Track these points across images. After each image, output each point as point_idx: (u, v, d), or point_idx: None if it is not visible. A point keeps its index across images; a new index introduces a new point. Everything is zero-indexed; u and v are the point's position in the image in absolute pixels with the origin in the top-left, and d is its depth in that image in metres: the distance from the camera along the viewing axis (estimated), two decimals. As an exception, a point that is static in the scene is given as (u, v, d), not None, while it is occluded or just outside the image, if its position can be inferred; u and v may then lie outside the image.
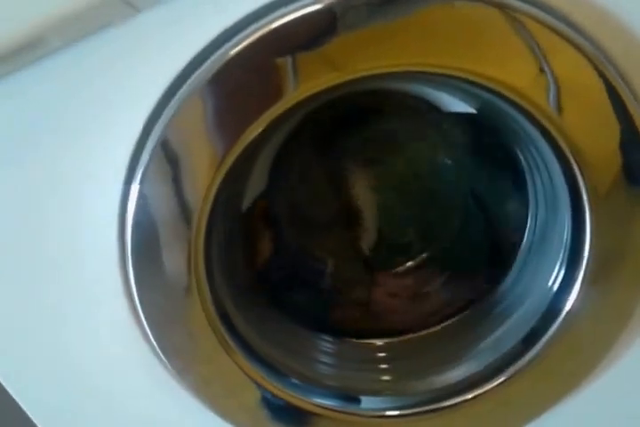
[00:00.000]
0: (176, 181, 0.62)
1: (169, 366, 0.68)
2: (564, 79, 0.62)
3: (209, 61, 0.61)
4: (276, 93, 0.61)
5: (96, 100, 0.62)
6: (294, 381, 0.73)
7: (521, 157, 0.77)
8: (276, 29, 0.59)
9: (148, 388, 0.71)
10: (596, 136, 0.65)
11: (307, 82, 0.61)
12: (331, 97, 0.68)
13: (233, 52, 0.60)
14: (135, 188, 0.63)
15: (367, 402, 0.74)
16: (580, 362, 0.72)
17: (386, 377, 0.78)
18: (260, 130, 0.62)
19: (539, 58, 0.61)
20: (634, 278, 0.69)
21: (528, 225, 0.80)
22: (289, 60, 0.60)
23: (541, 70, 0.62)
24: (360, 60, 0.61)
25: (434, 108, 0.79)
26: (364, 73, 0.61)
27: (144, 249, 0.64)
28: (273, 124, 0.62)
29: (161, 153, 0.62)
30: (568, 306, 0.70)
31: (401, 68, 0.61)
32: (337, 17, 0.59)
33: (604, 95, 0.63)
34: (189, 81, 0.61)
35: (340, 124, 0.82)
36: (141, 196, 0.63)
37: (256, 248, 0.83)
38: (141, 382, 0.71)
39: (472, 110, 0.77)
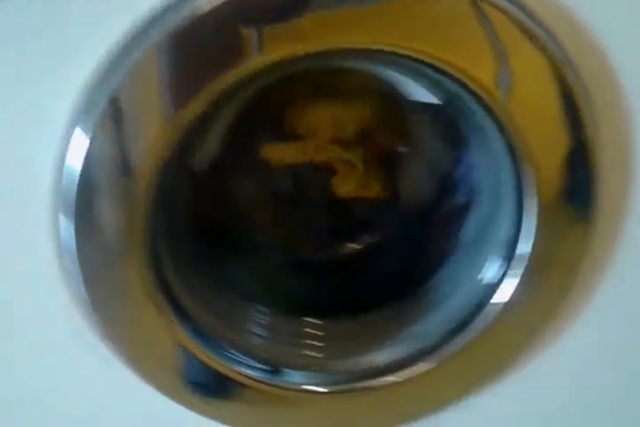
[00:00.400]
0: (122, 135, 0.62)
1: (96, 321, 0.68)
2: (520, 77, 0.64)
3: (173, 17, 0.61)
4: (236, 59, 0.61)
5: (48, 48, 0.61)
6: (223, 349, 0.74)
7: (474, 153, 0.79)
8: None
9: (67, 340, 0.71)
10: (546, 144, 0.67)
11: (269, 51, 0.61)
12: (294, 70, 0.69)
13: (202, 10, 0.60)
14: (78, 135, 0.63)
15: (292, 376, 0.75)
16: (504, 354, 0.75)
17: (314, 353, 0.80)
18: (215, 94, 0.62)
19: (498, 52, 0.63)
20: (561, 283, 0.72)
21: (469, 218, 0.81)
22: (255, 28, 0.60)
23: (499, 64, 0.63)
24: (325, 35, 0.62)
25: (398, 94, 0.80)
26: (327, 46, 0.62)
27: (82, 199, 0.64)
28: (231, 90, 0.62)
29: (110, 105, 0.61)
30: (498, 300, 0.72)
31: (363, 45, 0.63)
32: None
33: (558, 102, 0.65)
34: (149, 34, 0.61)
35: (299, 102, 0.82)
36: (87, 147, 0.62)
37: (200, 212, 0.83)
38: (61, 334, 0.71)
39: (437, 101, 0.78)
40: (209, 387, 0.73)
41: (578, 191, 0.69)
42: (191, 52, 0.61)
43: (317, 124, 0.83)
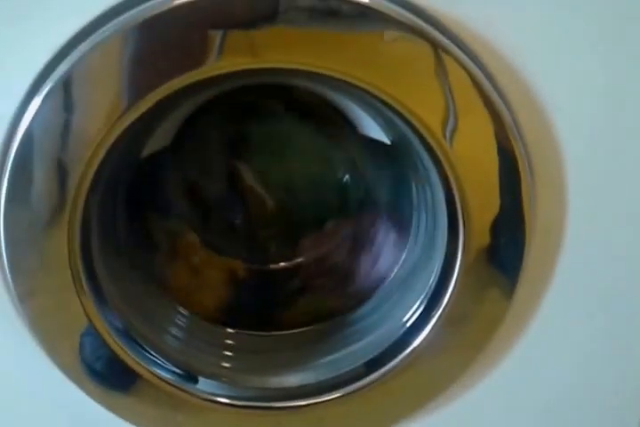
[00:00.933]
0: (69, 113, 0.63)
1: (12, 289, 0.67)
2: (465, 132, 0.66)
3: (143, 7, 0.61)
4: (196, 62, 0.62)
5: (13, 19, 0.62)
6: (138, 345, 0.73)
7: (414, 195, 0.80)
8: None
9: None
10: (481, 200, 0.68)
11: (226, 60, 0.62)
12: (257, 82, 0.71)
13: (175, 3, 0.61)
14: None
15: (203, 384, 0.75)
16: (413, 398, 0.75)
17: (227, 364, 0.80)
18: (168, 92, 0.62)
19: (449, 102, 0.64)
20: (479, 336, 0.73)
21: (402, 258, 0.82)
22: (220, 33, 0.61)
23: (447, 113, 0.65)
24: (279, 52, 0.63)
25: (349, 126, 0.82)
26: (277, 65, 0.63)
27: (18, 167, 0.64)
28: (187, 89, 0.63)
29: (63, 81, 0.62)
30: (416, 343, 0.73)
31: (317, 68, 0.64)
32: (279, 10, 0.61)
33: (497, 163, 0.67)
34: (116, 20, 0.62)
35: (254, 110, 0.84)
36: (31, 119, 0.63)
37: (137, 201, 0.84)
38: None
39: (386, 140, 0.80)
40: (113, 378, 0.73)
41: (504, 252, 0.70)
42: (155, 45, 0.62)
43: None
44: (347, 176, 0.88)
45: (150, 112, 0.64)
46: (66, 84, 0.62)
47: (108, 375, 0.72)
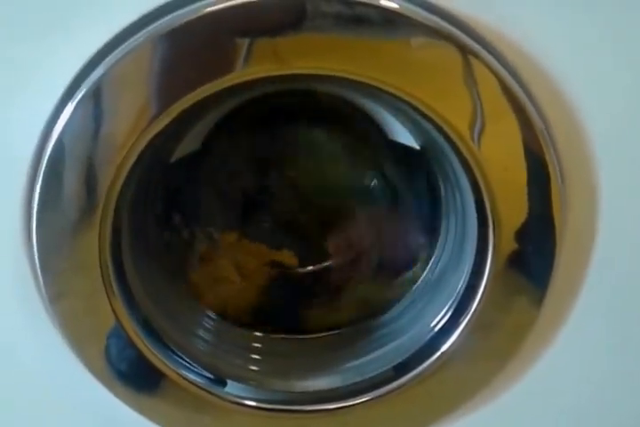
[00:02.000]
0: (99, 120, 0.63)
1: (43, 290, 0.68)
2: (493, 138, 0.65)
3: (171, 16, 0.62)
4: (223, 69, 0.62)
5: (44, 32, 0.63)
6: (167, 347, 0.73)
7: (443, 199, 0.80)
8: (246, 6, 0.61)
9: (15, 313, 0.71)
10: (510, 206, 0.68)
11: (253, 67, 0.62)
12: (286, 87, 0.72)
13: (202, 12, 0.61)
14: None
15: (231, 387, 0.75)
16: (440, 403, 0.75)
17: (254, 367, 0.80)
18: (196, 100, 0.63)
19: (477, 108, 0.64)
20: (508, 338, 0.72)
21: (430, 263, 0.82)
22: (247, 41, 0.62)
23: (475, 120, 0.65)
24: (305, 59, 0.63)
25: (379, 131, 0.82)
26: (303, 71, 0.63)
27: (54, 176, 0.64)
28: (215, 96, 0.63)
29: (93, 89, 0.63)
30: (444, 348, 0.72)
31: (339, 73, 0.64)
32: (306, 16, 0.62)
33: (526, 174, 0.66)
34: (145, 30, 0.62)
35: (284, 115, 0.84)
36: (64, 125, 0.63)
37: (168, 205, 0.84)
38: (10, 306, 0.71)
39: (415, 146, 0.80)
40: (140, 379, 0.73)
41: (534, 258, 0.69)
42: (183, 54, 0.62)
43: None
44: (375, 181, 0.88)
45: (180, 118, 0.64)
46: (96, 92, 0.63)
47: (136, 377, 0.72)
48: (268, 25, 0.62)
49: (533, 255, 0.69)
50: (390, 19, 0.62)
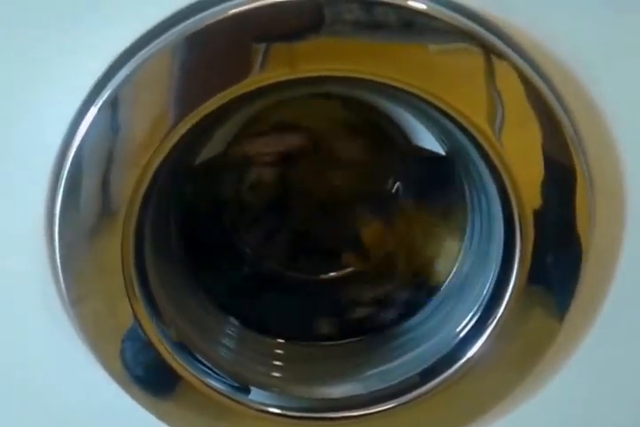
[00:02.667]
0: (117, 128, 0.63)
1: (65, 293, 0.68)
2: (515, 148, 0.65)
3: (190, 21, 0.62)
4: (239, 75, 0.62)
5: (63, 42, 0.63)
6: (189, 353, 0.73)
7: (469, 204, 0.79)
8: (264, 10, 0.61)
9: (37, 315, 0.71)
10: (538, 212, 0.67)
11: (268, 72, 0.62)
12: (306, 92, 0.72)
13: (217, 18, 0.61)
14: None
15: (254, 394, 0.75)
16: (464, 411, 0.74)
17: (277, 374, 0.80)
18: (215, 106, 0.62)
19: (501, 110, 0.64)
20: (533, 344, 0.72)
21: (455, 268, 0.82)
22: (263, 46, 0.61)
23: (502, 122, 0.64)
24: (322, 62, 0.63)
25: (404, 137, 0.82)
26: (319, 73, 0.63)
27: (76, 180, 0.64)
28: (235, 101, 0.63)
29: (111, 98, 0.62)
30: (470, 354, 0.72)
31: (364, 75, 0.63)
32: (325, 21, 0.61)
33: (554, 180, 0.66)
34: (165, 35, 0.62)
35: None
36: (84, 133, 0.63)
37: (190, 210, 0.84)
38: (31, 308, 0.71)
39: (441, 151, 0.80)
40: (162, 385, 0.72)
41: (561, 266, 0.69)
42: (200, 61, 0.62)
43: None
44: (398, 185, 0.88)
45: (203, 122, 0.64)
46: (118, 97, 0.62)
47: (156, 382, 0.72)
48: (285, 30, 0.61)
49: (561, 263, 0.69)
50: (410, 21, 0.62)
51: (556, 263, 0.69)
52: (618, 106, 0.67)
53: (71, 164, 0.64)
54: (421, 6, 0.62)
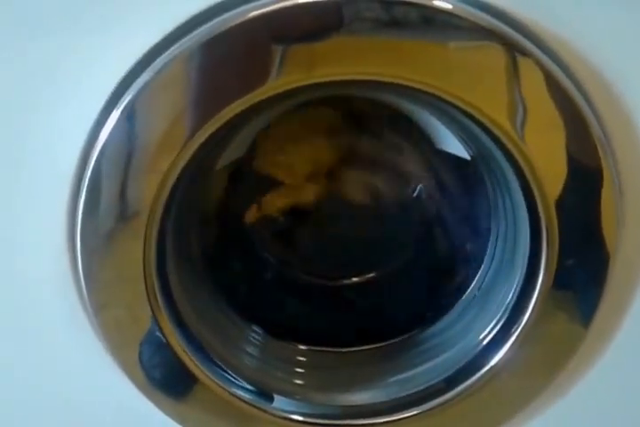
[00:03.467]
0: (134, 135, 0.63)
1: (87, 300, 0.68)
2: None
3: (206, 26, 0.61)
4: (257, 81, 0.61)
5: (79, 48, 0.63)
6: (212, 361, 0.73)
7: (493, 208, 0.79)
8: (282, 12, 0.60)
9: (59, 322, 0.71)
10: (564, 216, 0.66)
11: (286, 77, 0.62)
12: (326, 94, 0.72)
13: (235, 21, 0.60)
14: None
15: (278, 401, 0.74)
16: (486, 419, 0.74)
17: (299, 381, 0.79)
18: (234, 113, 0.62)
19: (524, 108, 0.63)
20: (558, 351, 0.71)
21: (478, 275, 0.81)
22: (281, 48, 0.61)
23: (524, 121, 0.63)
24: (341, 64, 0.62)
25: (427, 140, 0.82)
26: (336, 77, 0.62)
27: (98, 187, 0.64)
28: (255, 106, 0.62)
29: (128, 106, 0.62)
30: (494, 361, 0.71)
31: (383, 77, 0.63)
32: (343, 21, 0.61)
33: (580, 182, 0.65)
34: (181, 41, 0.62)
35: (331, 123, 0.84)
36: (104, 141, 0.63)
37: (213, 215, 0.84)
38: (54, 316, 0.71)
39: (466, 156, 0.79)
40: (185, 392, 0.72)
41: (587, 273, 0.69)
42: (216, 66, 0.62)
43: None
44: (420, 188, 0.87)
45: (222, 128, 0.64)
46: (133, 108, 0.62)
47: (179, 390, 0.72)
48: (303, 31, 0.61)
49: (584, 269, 0.68)
50: (430, 19, 0.61)
51: (581, 267, 0.68)
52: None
53: (92, 171, 0.64)
54: (445, 5, 0.61)
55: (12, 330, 0.72)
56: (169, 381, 0.71)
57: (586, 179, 0.65)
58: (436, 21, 0.61)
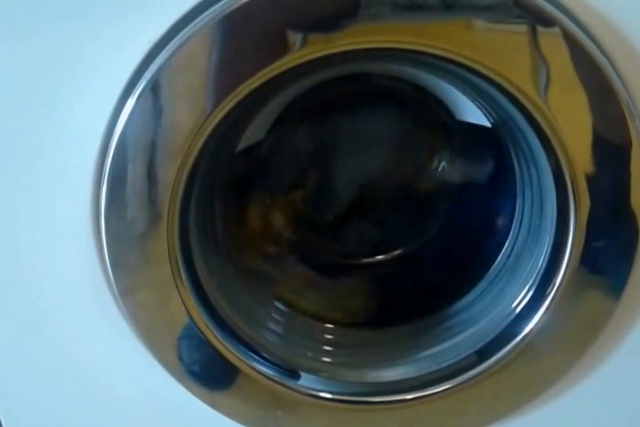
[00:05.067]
0: (158, 116, 0.63)
1: (114, 284, 0.68)
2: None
3: (217, 7, 0.61)
4: (278, 54, 0.61)
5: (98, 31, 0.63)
6: (239, 340, 0.72)
7: (518, 177, 0.78)
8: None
9: (87, 308, 0.71)
10: (591, 187, 0.66)
11: (308, 48, 0.61)
12: (344, 72, 0.72)
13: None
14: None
15: (305, 379, 0.74)
16: (523, 389, 0.73)
17: (327, 359, 0.79)
18: (254, 87, 0.62)
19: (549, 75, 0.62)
20: (590, 321, 0.71)
21: (506, 245, 0.80)
22: (300, 34, 0.61)
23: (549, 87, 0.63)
24: (369, 39, 0.62)
25: (446, 112, 0.81)
26: (359, 46, 0.62)
27: (120, 173, 0.64)
28: (273, 84, 0.62)
29: (150, 86, 0.62)
30: (526, 330, 0.71)
31: (405, 45, 0.62)
32: (361, 6, 0.60)
33: (606, 147, 0.64)
34: (199, 18, 0.62)
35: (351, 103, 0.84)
36: (126, 121, 0.63)
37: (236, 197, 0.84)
38: (83, 302, 0.71)
39: (487, 124, 0.78)
40: (213, 373, 0.72)
41: (615, 243, 0.68)
42: (237, 42, 0.61)
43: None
44: (444, 163, 0.87)
45: (242, 108, 0.63)
46: (155, 85, 0.62)
47: (208, 371, 0.72)
48: (321, 18, 0.61)
49: (615, 239, 0.67)
50: (447, 2, 0.60)
51: (611, 237, 0.67)
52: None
53: (114, 156, 0.64)
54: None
55: (42, 317, 0.72)
56: (199, 364, 0.71)
57: (613, 147, 0.64)
58: (455, 4, 0.61)
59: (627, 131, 0.64)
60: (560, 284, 0.69)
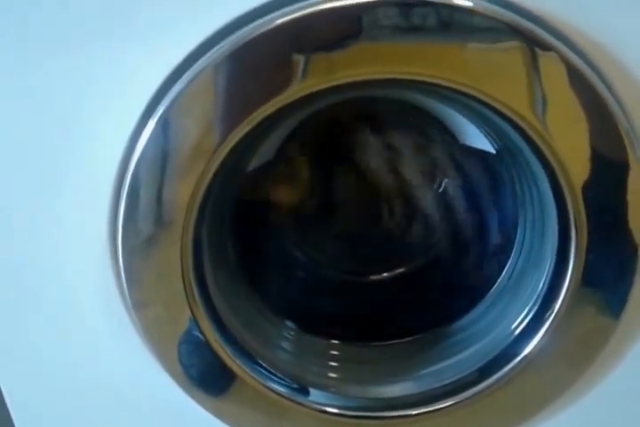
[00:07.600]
0: (169, 145, 0.65)
1: (128, 298, 0.69)
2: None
3: (231, 38, 0.63)
4: (281, 86, 0.63)
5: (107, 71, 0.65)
6: (248, 356, 0.74)
7: (519, 198, 0.79)
8: (302, 21, 0.62)
9: (103, 320, 0.73)
10: (591, 209, 0.67)
11: (310, 81, 0.63)
12: (351, 96, 0.72)
13: (258, 32, 0.62)
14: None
15: (313, 395, 0.76)
16: (520, 409, 0.75)
17: (333, 374, 0.80)
18: (260, 118, 0.63)
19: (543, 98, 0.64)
20: (590, 340, 0.72)
21: (508, 264, 0.82)
22: (303, 57, 0.62)
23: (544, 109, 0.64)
24: (362, 66, 0.63)
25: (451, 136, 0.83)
26: (360, 78, 0.63)
27: (137, 191, 0.66)
28: (281, 111, 0.64)
29: (161, 120, 0.64)
30: (526, 351, 0.72)
31: (405, 75, 0.64)
32: (363, 29, 0.62)
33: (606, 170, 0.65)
34: (210, 52, 0.63)
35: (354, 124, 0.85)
36: (142, 149, 0.65)
37: (245, 214, 0.85)
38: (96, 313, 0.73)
39: (491, 150, 0.80)
40: (222, 387, 0.73)
41: (615, 262, 0.69)
42: (242, 76, 0.63)
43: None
44: (446, 182, 0.88)
45: (251, 133, 0.65)
46: (168, 116, 0.64)
47: (216, 385, 0.73)
48: (323, 39, 0.62)
49: (613, 259, 0.69)
50: (448, 21, 0.62)
51: (610, 257, 0.69)
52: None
53: (131, 177, 0.66)
54: (464, 3, 0.62)
55: (58, 327, 0.74)
56: (205, 374, 0.72)
57: (611, 168, 0.66)
58: (454, 23, 0.62)
59: (625, 152, 0.65)
60: (561, 304, 0.70)
